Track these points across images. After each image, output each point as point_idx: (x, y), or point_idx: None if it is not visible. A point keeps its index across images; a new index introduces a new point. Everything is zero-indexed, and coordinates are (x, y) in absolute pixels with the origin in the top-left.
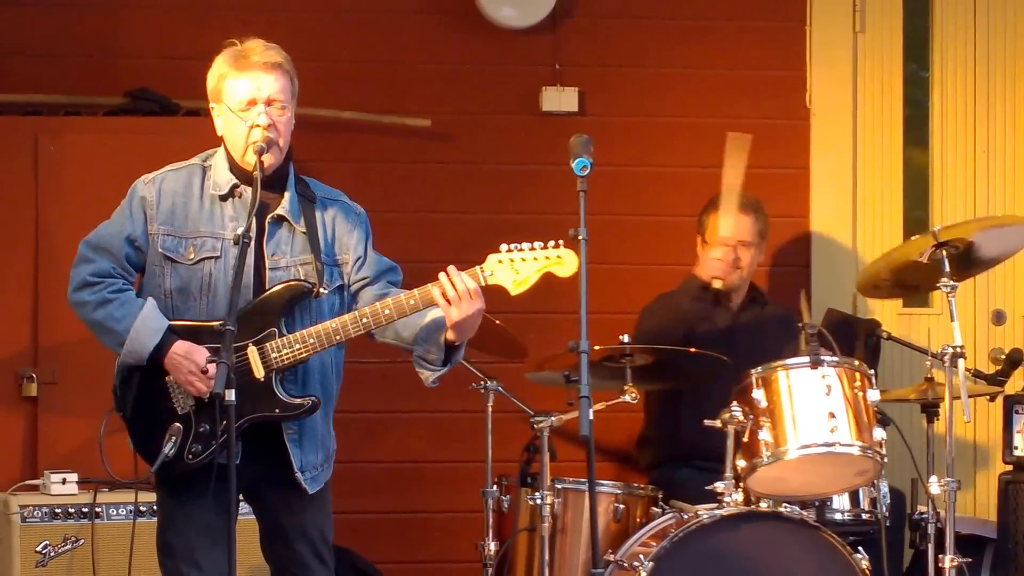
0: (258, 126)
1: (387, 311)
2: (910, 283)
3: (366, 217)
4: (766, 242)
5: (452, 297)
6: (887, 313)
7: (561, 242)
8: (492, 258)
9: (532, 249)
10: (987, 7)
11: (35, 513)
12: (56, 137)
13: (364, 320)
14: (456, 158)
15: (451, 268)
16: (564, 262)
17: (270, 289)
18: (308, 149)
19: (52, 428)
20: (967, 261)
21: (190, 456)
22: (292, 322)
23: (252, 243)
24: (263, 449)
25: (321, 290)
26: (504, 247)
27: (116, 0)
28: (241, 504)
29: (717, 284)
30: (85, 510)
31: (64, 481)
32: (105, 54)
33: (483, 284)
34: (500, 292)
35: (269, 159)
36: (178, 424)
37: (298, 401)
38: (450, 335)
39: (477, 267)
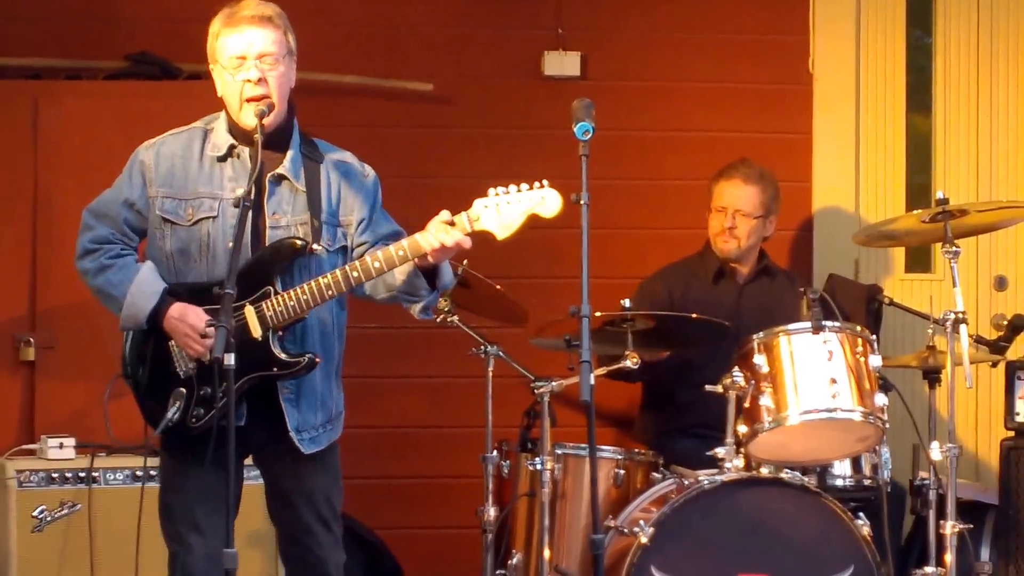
0: (249, 81)
1: (376, 264)
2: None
3: (376, 179)
4: (776, 216)
5: (442, 250)
6: (889, 279)
7: (545, 182)
8: (479, 203)
9: (518, 191)
10: None
11: (32, 478)
12: (56, 101)
13: (355, 273)
14: (458, 122)
15: (442, 215)
16: (547, 202)
17: (265, 248)
18: (310, 113)
19: (49, 392)
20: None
21: (193, 420)
22: (291, 281)
23: (252, 203)
24: (265, 412)
25: (314, 247)
26: (492, 191)
27: None
28: (250, 468)
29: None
30: (82, 475)
31: (61, 446)
32: (105, 17)
33: (470, 231)
34: (499, 256)
35: (255, 119)
36: (181, 388)
37: (295, 359)
38: (429, 257)
39: (464, 213)
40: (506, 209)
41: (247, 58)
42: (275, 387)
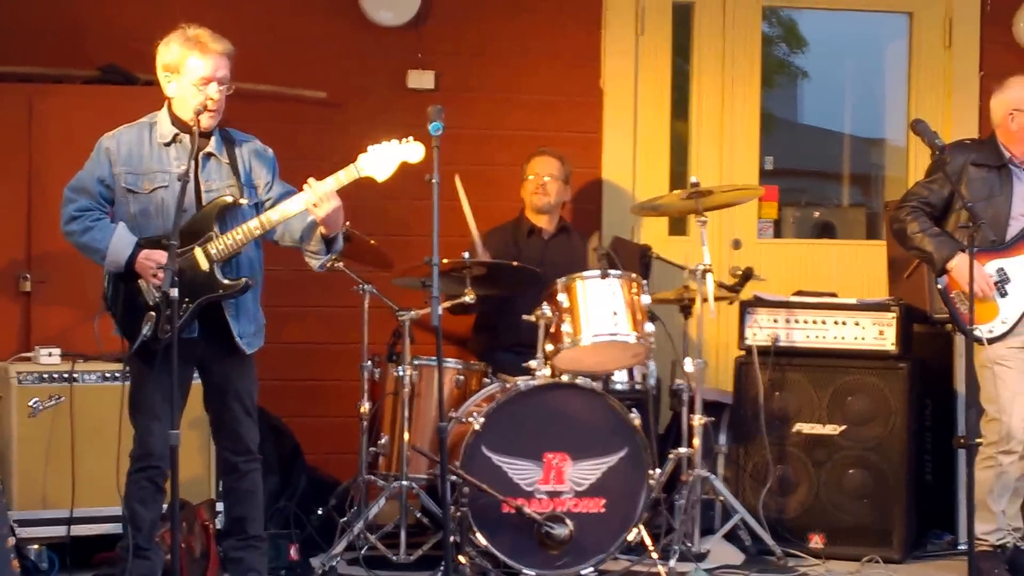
0: (211, 99)
1: (275, 215)
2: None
3: (273, 154)
4: (571, 187)
5: (316, 199)
6: (657, 240)
7: (411, 137)
8: (362, 157)
9: (390, 144)
10: (733, 20)
11: (28, 377)
12: (45, 99)
13: (275, 216)
14: (344, 122)
15: (311, 179)
16: (413, 151)
17: (205, 205)
18: (232, 113)
19: (42, 315)
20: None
21: (162, 334)
22: (225, 227)
23: (192, 177)
24: (212, 325)
25: (241, 201)
26: (371, 147)
27: None
28: (194, 373)
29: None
30: (66, 376)
31: (50, 354)
32: (83, 37)
33: (358, 176)
34: (374, 218)
35: (209, 120)
36: (152, 312)
37: (235, 282)
38: (323, 229)
39: (352, 164)
40: (383, 158)
41: (211, 81)
42: (220, 307)
